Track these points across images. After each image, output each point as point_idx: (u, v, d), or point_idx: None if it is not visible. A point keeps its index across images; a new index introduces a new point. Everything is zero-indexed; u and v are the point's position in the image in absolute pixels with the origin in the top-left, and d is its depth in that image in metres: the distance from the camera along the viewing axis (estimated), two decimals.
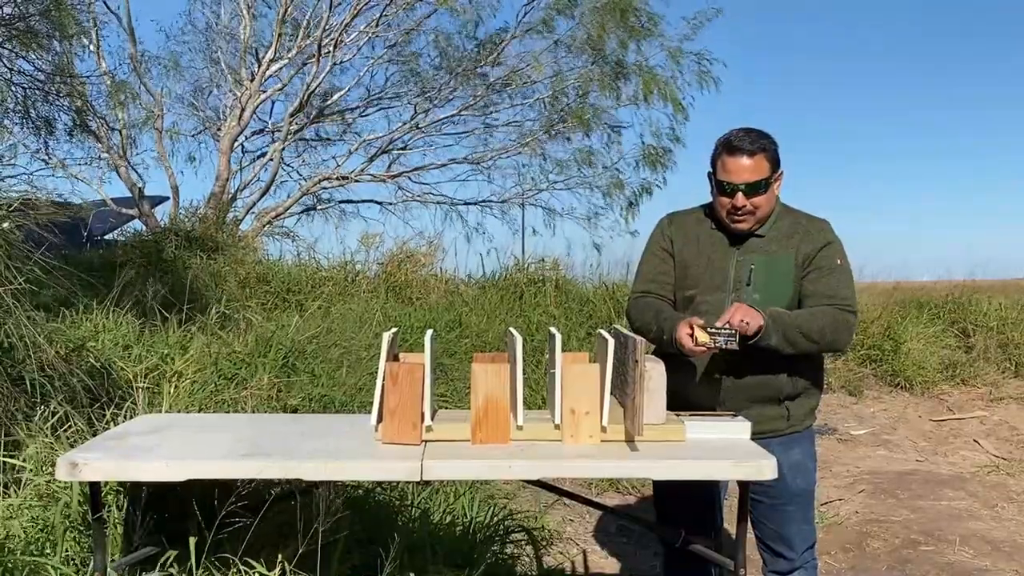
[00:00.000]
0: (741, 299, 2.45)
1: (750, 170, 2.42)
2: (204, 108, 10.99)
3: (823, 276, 2.47)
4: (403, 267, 8.07)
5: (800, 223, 2.54)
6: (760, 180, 2.43)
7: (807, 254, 2.48)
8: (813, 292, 2.47)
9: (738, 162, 2.43)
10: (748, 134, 2.45)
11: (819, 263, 2.48)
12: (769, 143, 2.46)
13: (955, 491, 5.05)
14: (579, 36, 10.45)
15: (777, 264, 2.48)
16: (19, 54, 6.55)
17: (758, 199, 2.44)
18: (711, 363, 2.48)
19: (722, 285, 2.50)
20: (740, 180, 2.42)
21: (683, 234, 2.60)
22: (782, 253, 2.49)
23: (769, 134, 2.49)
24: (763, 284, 2.46)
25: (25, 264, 3.06)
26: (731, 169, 2.44)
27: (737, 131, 2.47)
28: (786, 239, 2.51)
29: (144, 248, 7.11)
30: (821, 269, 2.48)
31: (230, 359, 4.02)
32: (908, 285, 10.02)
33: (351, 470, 2.19)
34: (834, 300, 2.45)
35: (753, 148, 2.42)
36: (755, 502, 2.48)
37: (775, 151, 2.48)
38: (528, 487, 4.15)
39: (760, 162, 2.43)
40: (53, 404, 2.95)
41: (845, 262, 2.52)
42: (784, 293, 2.47)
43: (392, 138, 10.90)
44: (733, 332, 2.25)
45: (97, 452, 2.13)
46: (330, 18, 9.83)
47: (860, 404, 7.19)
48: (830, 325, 2.42)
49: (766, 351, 2.37)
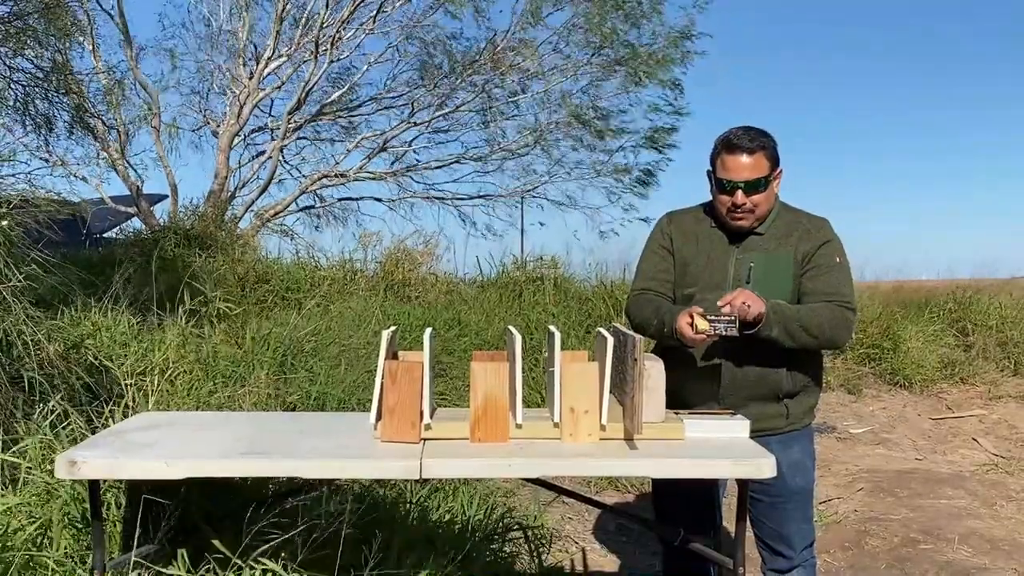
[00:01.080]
0: None
1: (749, 168, 2.43)
2: (202, 106, 10.99)
3: (822, 274, 2.48)
4: (401, 266, 8.06)
5: (800, 221, 2.55)
6: (759, 178, 2.44)
7: (806, 252, 2.49)
8: (812, 289, 2.48)
9: (737, 160, 2.44)
10: (747, 132, 2.46)
11: (818, 261, 2.49)
12: (768, 141, 2.48)
13: (954, 489, 5.05)
14: (577, 25, 10.44)
15: (776, 262, 2.49)
16: (17, 52, 6.54)
17: (757, 197, 2.45)
18: (710, 361, 2.48)
19: (721, 283, 2.50)
20: (740, 178, 2.43)
21: (682, 232, 2.61)
22: (781, 251, 2.50)
23: (768, 132, 2.50)
24: (762, 282, 2.47)
25: (22, 263, 3.06)
26: (730, 167, 2.45)
27: (736, 129, 2.48)
28: (785, 237, 2.52)
29: (144, 247, 7.10)
30: (820, 267, 2.49)
31: (228, 357, 4.02)
32: (909, 284, 10.04)
33: (350, 468, 2.19)
34: (833, 297, 2.46)
35: (752, 146, 2.44)
36: (754, 500, 2.48)
37: (774, 149, 2.49)
38: (527, 485, 4.15)
39: (759, 160, 2.44)
40: (52, 402, 2.95)
41: (844, 260, 2.53)
42: (783, 291, 2.47)
43: (391, 135, 10.89)
44: (733, 319, 2.25)
45: (96, 450, 2.13)
46: (327, 15, 9.82)
47: (859, 402, 7.19)
48: (830, 321, 2.43)
49: (765, 344, 2.38)
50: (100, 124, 9.17)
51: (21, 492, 2.58)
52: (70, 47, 7.60)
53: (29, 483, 2.61)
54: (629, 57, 10.52)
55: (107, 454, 2.10)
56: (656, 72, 10.59)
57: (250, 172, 10.66)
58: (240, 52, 10.36)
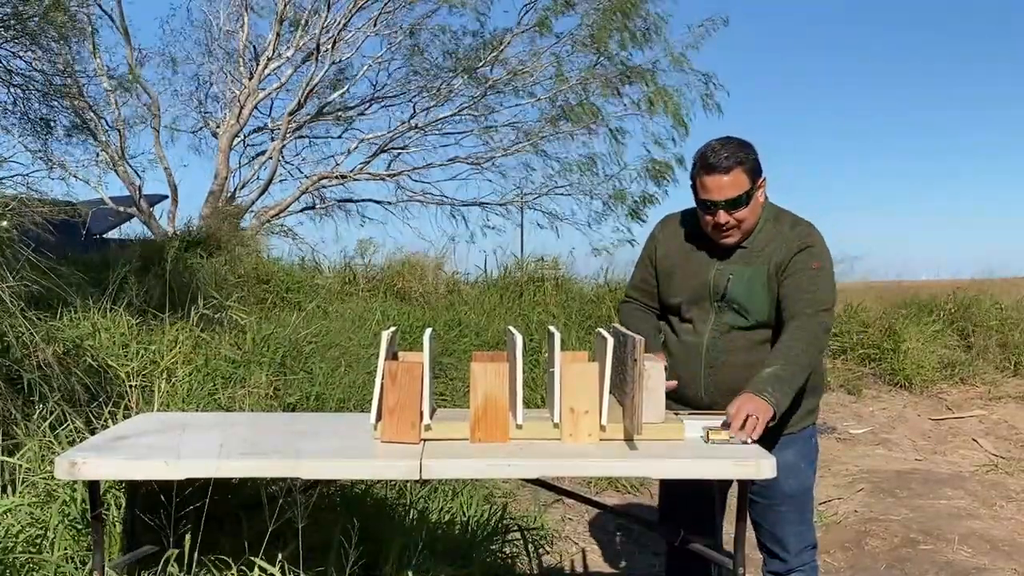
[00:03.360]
0: (723, 310, 2.46)
1: (729, 186, 2.37)
2: (203, 106, 10.99)
3: (794, 276, 2.42)
4: (403, 276, 8.02)
5: (781, 231, 2.49)
6: (740, 195, 2.38)
7: (779, 262, 2.45)
8: (785, 294, 2.43)
9: (716, 180, 2.38)
10: (725, 147, 2.39)
11: (793, 268, 2.43)
12: (746, 155, 2.40)
13: (954, 490, 5.05)
14: (580, 36, 10.45)
15: (752, 275, 2.46)
16: (16, 54, 6.54)
17: (741, 212, 2.40)
18: (699, 366, 2.49)
19: (703, 294, 2.49)
20: (721, 197, 2.38)
21: (672, 240, 2.59)
22: (758, 264, 2.46)
23: (746, 143, 2.43)
24: (741, 295, 2.45)
25: (16, 263, 3.06)
26: (710, 187, 2.39)
27: (713, 145, 2.41)
28: (762, 249, 2.48)
29: (144, 249, 7.10)
30: (795, 274, 2.43)
31: (228, 359, 4.02)
32: (909, 285, 10.03)
33: (350, 469, 2.19)
34: (804, 297, 2.39)
35: (729, 164, 2.37)
36: (752, 502, 2.47)
37: (754, 160, 2.42)
38: (527, 486, 4.15)
39: (738, 176, 2.38)
40: (51, 403, 2.95)
41: (824, 264, 2.47)
42: (760, 304, 2.45)
43: (392, 137, 10.90)
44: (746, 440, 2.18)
45: (95, 451, 2.13)
46: (328, 16, 9.83)
47: (859, 403, 7.19)
48: (807, 350, 2.36)
49: (761, 353, 2.41)
50: (100, 125, 9.17)
51: (21, 494, 2.58)
52: (70, 49, 7.60)
53: (29, 484, 2.61)
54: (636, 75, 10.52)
55: (107, 455, 2.09)
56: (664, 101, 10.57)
57: (250, 173, 10.68)
58: (240, 53, 10.37)
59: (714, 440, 2.19)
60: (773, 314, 2.46)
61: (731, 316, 2.47)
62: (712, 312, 2.48)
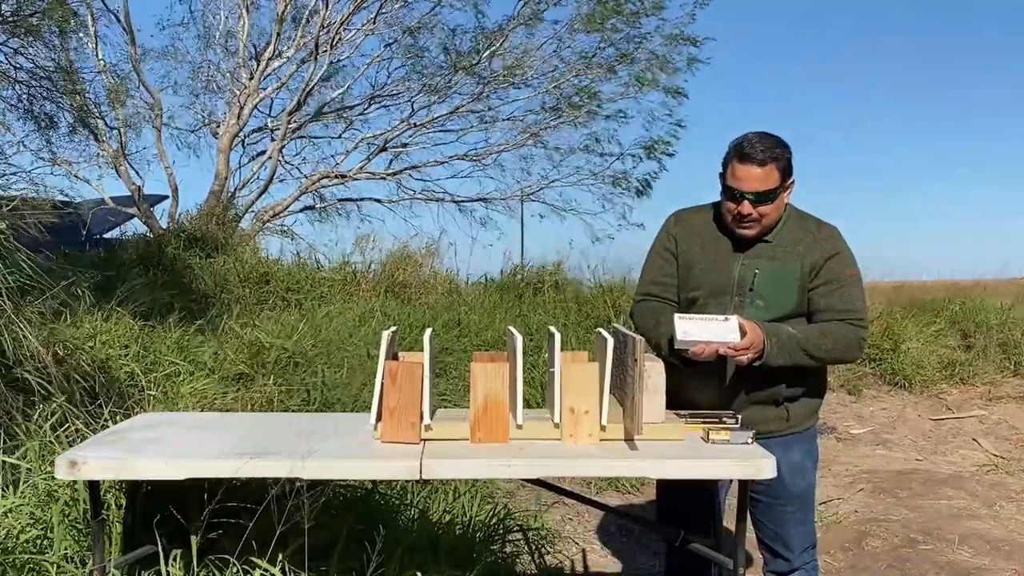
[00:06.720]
0: (744, 304, 2.45)
1: (760, 179, 2.38)
2: (203, 106, 10.99)
3: (834, 290, 2.45)
4: (402, 268, 8.05)
5: (809, 230, 2.50)
6: (769, 190, 2.39)
7: (813, 263, 2.45)
8: (825, 307, 2.45)
9: (748, 170, 2.38)
10: (762, 141, 2.40)
11: (827, 276, 2.45)
12: (782, 152, 2.41)
13: (954, 490, 5.05)
14: (576, 24, 10.44)
15: (782, 271, 2.45)
16: (19, 51, 6.55)
17: (765, 208, 2.41)
18: (711, 365, 2.48)
19: (726, 289, 2.48)
20: (749, 188, 2.38)
21: (689, 233, 2.58)
22: (788, 260, 2.46)
23: (784, 143, 2.43)
24: (767, 290, 2.45)
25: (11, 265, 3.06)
26: (741, 176, 2.39)
27: (752, 136, 2.41)
28: (793, 245, 2.47)
29: (146, 249, 7.10)
30: (830, 283, 2.45)
31: (229, 360, 4.02)
32: (910, 285, 10.03)
33: (350, 469, 2.19)
34: (847, 315, 2.43)
35: (764, 157, 2.37)
36: (754, 502, 2.48)
37: (788, 160, 2.42)
38: (528, 486, 4.15)
39: (771, 172, 2.38)
40: (52, 403, 2.95)
41: (855, 271, 2.49)
42: (788, 300, 2.45)
43: (392, 135, 10.89)
44: (749, 437, 2.21)
45: (96, 450, 2.13)
46: (328, 15, 9.82)
47: (859, 403, 7.19)
48: (841, 343, 2.42)
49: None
50: (101, 124, 9.17)
51: (21, 494, 2.58)
52: (72, 47, 7.61)
53: (29, 484, 2.61)
54: (628, 57, 10.51)
55: (107, 454, 2.10)
56: (658, 79, 10.58)
57: (250, 173, 10.68)
58: (240, 52, 10.37)
59: (714, 440, 2.19)
60: (795, 310, 2.46)
61: (752, 310, 2.44)
62: (732, 306, 2.46)
